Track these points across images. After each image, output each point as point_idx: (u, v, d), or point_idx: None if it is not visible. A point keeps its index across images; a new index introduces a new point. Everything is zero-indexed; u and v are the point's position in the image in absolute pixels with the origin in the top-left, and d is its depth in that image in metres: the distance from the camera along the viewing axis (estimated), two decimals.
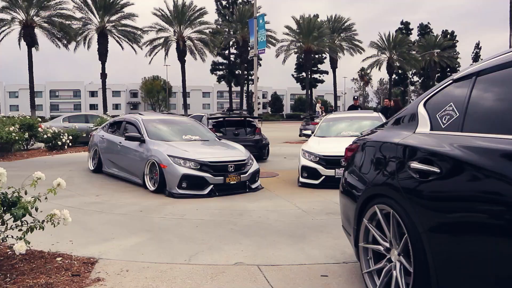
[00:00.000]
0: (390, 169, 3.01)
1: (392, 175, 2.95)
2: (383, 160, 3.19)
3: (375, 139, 3.48)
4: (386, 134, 3.39)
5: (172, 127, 10.04)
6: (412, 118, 3.16)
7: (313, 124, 23.29)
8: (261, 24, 28.25)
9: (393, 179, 2.93)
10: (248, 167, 8.68)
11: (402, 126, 3.28)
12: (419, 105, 3.13)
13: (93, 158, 11.11)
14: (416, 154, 2.77)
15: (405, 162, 2.85)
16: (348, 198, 3.70)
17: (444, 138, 2.63)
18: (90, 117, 20.68)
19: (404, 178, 2.80)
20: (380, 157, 3.26)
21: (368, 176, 3.32)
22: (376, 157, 3.31)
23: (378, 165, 3.23)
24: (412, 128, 3.08)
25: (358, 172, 3.56)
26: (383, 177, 3.08)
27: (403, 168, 2.85)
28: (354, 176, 3.62)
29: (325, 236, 5.31)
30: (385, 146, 3.24)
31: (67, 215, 3.85)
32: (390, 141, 3.18)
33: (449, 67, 75.51)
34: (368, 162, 3.42)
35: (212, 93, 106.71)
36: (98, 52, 45.18)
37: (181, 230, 5.56)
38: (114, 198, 7.74)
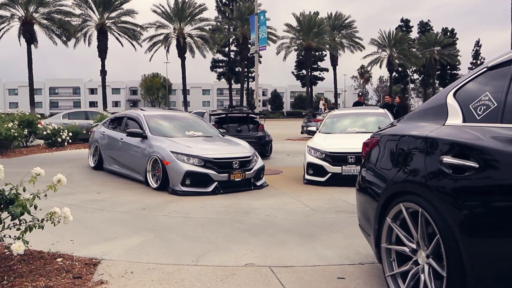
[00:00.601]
0: (417, 165, 2.78)
1: (421, 171, 2.72)
2: (408, 155, 2.96)
3: (397, 133, 3.25)
4: (409, 127, 3.17)
5: (175, 123, 9.81)
6: (440, 110, 2.93)
7: (315, 121, 23.08)
8: (262, 21, 28.02)
9: (421, 175, 2.71)
10: (253, 164, 8.46)
11: (427, 118, 3.05)
12: (448, 95, 2.90)
13: (94, 155, 10.88)
14: (449, 148, 2.54)
15: (436, 156, 2.62)
16: (367, 196, 3.48)
17: (482, 131, 2.41)
18: (90, 113, 20.44)
19: (435, 174, 2.58)
20: (405, 152, 3.03)
21: (391, 172, 3.09)
22: (400, 152, 3.08)
23: (403, 160, 3.00)
24: (440, 121, 2.85)
25: (378, 168, 3.33)
26: (409, 173, 2.85)
27: (433, 163, 2.62)
28: (374, 172, 3.40)
29: (336, 235, 5.09)
30: (410, 140, 3.02)
31: (68, 213, 3.62)
32: (416, 134, 2.95)
33: (450, 65, 75.36)
34: (390, 157, 3.20)
35: (212, 90, 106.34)
36: (98, 49, 44.90)
37: (186, 229, 5.34)
38: (116, 196, 7.52)
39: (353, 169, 8.59)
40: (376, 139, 3.53)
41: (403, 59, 65.64)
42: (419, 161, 2.77)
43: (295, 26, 60.20)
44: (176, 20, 50.47)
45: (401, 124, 3.38)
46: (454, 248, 2.40)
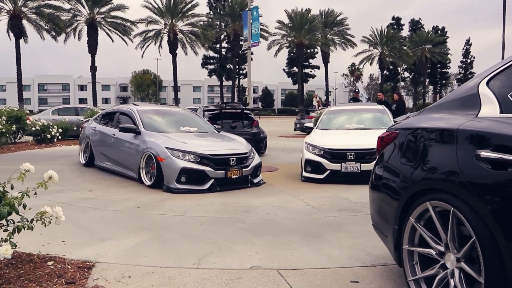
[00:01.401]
0: (448, 160, 2.54)
1: (452, 167, 2.48)
2: (436, 150, 2.72)
3: (421, 126, 3.00)
4: (434, 120, 2.92)
5: (169, 118, 9.51)
6: (470, 101, 2.69)
7: (309, 118, 22.85)
8: (255, 16, 27.67)
9: (453, 171, 2.46)
10: (250, 161, 8.21)
11: (454, 110, 2.81)
12: (480, 85, 2.66)
13: (85, 151, 10.54)
14: (488, 141, 2.30)
15: (470, 151, 2.38)
16: (385, 194, 3.23)
17: None
18: (80, 109, 20.01)
19: (471, 170, 2.34)
20: (431, 146, 2.79)
21: (415, 169, 2.84)
22: (425, 146, 2.83)
23: (430, 155, 2.76)
24: (471, 112, 2.61)
25: (399, 164, 3.08)
26: (438, 169, 2.61)
27: (468, 158, 2.38)
28: (394, 168, 3.15)
29: (342, 235, 4.85)
30: (437, 134, 2.77)
31: (59, 213, 3.34)
32: (444, 127, 2.70)
33: (440, 63, 75.57)
34: (413, 152, 2.95)
35: (203, 87, 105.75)
36: (88, 44, 44.27)
37: (184, 228, 5.06)
38: (108, 194, 7.21)
39: (352, 166, 8.37)
40: (395, 134, 3.28)
41: (395, 57, 65.70)
42: (450, 156, 2.52)
43: (287, 23, 59.96)
44: (168, 16, 49.92)
45: (422, 117, 3.14)
46: (494, 251, 2.17)
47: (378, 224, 3.45)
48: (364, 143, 8.63)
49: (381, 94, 16.04)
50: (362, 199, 6.84)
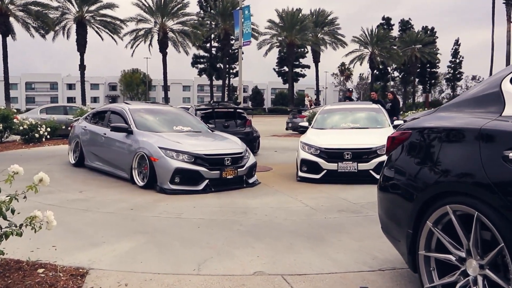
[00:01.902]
0: (470, 161, 2.38)
1: (476, 169, 2.31)
2: (456, 150, 2.55)
3: (438, 126, 2.83)
4: (452, 119, 2.76)
5: (161, 117, 9.29)
6: (492, 99, 2.52)
7: (301, 117, 22.70)
8: (246, 15, 27.48)
9: (477, 173, 2.30)
10: (245, 161, 8.02)
11: (475, 108, 2.65)
12: (503, 82, 2.50)
13: (74, 151, 10.27)
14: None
15: (496, 152, 2.22)
16: (397, 196, 3.07)
17: None
18: (69, 108, 19.63)
19: (497, 172, 2.18)
20: (450, 146, 2.62)
21: (433, 170, 2.68)
22: (444, 147, 2.67)
23: (449, 156, 2.59)
24: (493, 110, 2.46)
25: (413, 165, 2.92)
26: (459, 171, 2.45)
27: (493, 159, 2.22)
28: (407, 170, 2.99)
29: (345, 237, 4.69)
30: (457, 134, 2.61)
31: (51, 217, 3.12)
32: (465, 127, 2.54)
33: (430, 63, 75.98)
34: (431, 153, 2.78)
35: (193, 86, 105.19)
36: (77, 42, 43.72)
37: (180, 231, 4.86)
38: (100, 195, 6.98)
39: (349, 166, 8.22)
40: (407, 133, 3.12)
41: (385, 57, 65.90)
42: (473, 158, 2.36)
43: (278, 23, 59.84)
44: (158, 14, 49.50)
45: (437, 116, 2.98)
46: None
47: (388, 228, 3.29)
48: (361, 143, 8.50)
49: (374, 93, 15.94)
50: (360, 200, 6.70)
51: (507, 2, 41.33)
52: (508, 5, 41.23)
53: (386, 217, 3.34)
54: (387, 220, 3.32)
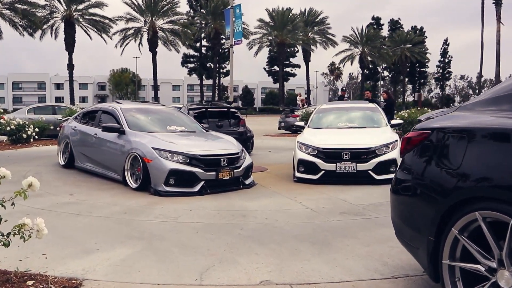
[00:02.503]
0: (506, 165, 2.17)
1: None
2: (487, 152, 2.35)
3: (464, 126, 2.63)
4: (480, 118, 2.56)
5: (154, 117, 9.02)
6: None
7: (293, 116, 22.51)
8: (237, 14, 27.24)
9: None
10: (241, 161, 7.79)
11: (505, 107, 2.45)
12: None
13: (64, 152, 9.96)
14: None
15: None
16: (415, 201, 2.87)
17: None
18: (57, 108, 19.21)
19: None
20: (482, 148, 2.42)
21: (460, 174, 2.47)
22: (474, 148, 2.46)
23: (480, 159, 2.39)
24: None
25: (435, 168, 2.71)
26: (492, 175, 2.24)
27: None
28: (428, 173, 2.78)
29: (352, 242, 4.48)
30: (487, 134, 2.41)
31: (41, 225, 2.87)
32: (497, 127, 2.34)
33: (419, 62, 76.30)
34: (456, 155, 2.56)
35: (183, 86, 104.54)
36: (65, 42, 43.15)
37: (179, 236, 4.62)
38: (92, 198, 6.71)
39: (348, 166, 8.03)
40: (426, 134, 2.91)
41: (375, 56, 66.07)
42: (509, 161, 2.16)
43: (268, 22, 59.67)
44: (148, 13, 49.04)
45: (461, 115, 2.77)
46: None
47: (404, 234, 3.08)
48: (360, 142, 8.33)
49: (368, 92, 15.79)
50: (361, 201, 6.52)
51: (497, 2, 41.57)
52: (497, 5, 41.47)
53: (401, 222, 3.14)
54: (403, 225, 3.11)
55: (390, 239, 4.52)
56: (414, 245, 2.93)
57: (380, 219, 5.49)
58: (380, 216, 5.63)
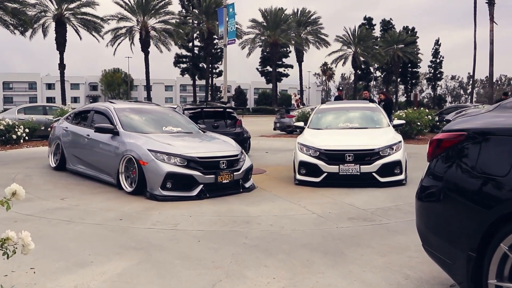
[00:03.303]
0: None
1: None
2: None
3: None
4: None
5: (149, 117, 8.66)
6: None
7: (289, 117, 22.24)
8: (231, 13, 26.92)
9: None
10: (241, 163, 7.46)
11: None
12: None
13: (55, 154, 9.56)
14: None
15: None
16: (451, 210, 2.56)
17: None
18: (49, 108, 18.75)
19: None
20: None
21: (509, 181, 2.16)
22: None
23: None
24: None
25: (475, 174, 2.40)
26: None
27: None
28: (467, 179, 2.47)
29: (367, 251, 4.16)
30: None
31: (27, 239, 2.48)
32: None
33: (411, 63, 76.45)
34: (504, 159, 2.26)
35: (175, 86, 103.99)
36: (56, 41, 42.48)
37: (180, 246, 4.27)
38: (84, 202, 6.34)
39: (351, 168, 7.73)
40: (462, 135, 2.60)
41: (368, 56, 66.05)
42: None
43: (261, 22, 59.42)
44: (140, 13, 48.52)
45: (507, 115, 2.46)
46: None
47: (436, 246, 2.77)
48: (363, 144, 8.05)
49: (366, 92, 15.53)
50: (368, 205, 6.22)
51: (490, 2, 41.51)
52: (490, 4, 41.39)
53: (429, 233, 2.83)
54: (431, 235, 2.81)
55: (407, 248, 4.23)
56: (446, 258, 2.62)
57: (392, 225, 5.20)
58: (391, 222, 5.33)
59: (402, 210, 6.00)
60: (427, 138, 17.22)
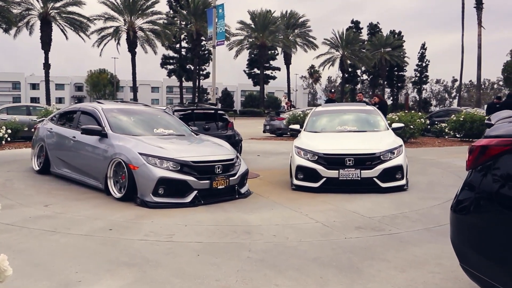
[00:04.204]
0: None
1: None
2: None
3: None
4: None
5: (140, 119, 8.22)
6: None
7: (279, 119, 21.92)
8: (220, 14, 26.52)
9: None
10: (236, 168, 7.09)
11: None
12: None
13: (39, 156, 9.05)
14: None
15: None
16: (503, 226, 2.20)
17: None
18: (32, 108, 18.11)
19: None
20: None
21: None
22: None
23: None
24: None
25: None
26: None
27: None
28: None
29: (383, 266, 3.81)
30: None
31: (3, 264, 2.09)
32: None
33: (398, 66, 76.96)
34: None
35: (162, 88, 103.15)
36: (41, 40, 41.63)
37: (177, 262, 3.86)
38: (70, 210, 5.87)
39: (352, 173, 7.40)
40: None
41: (355, 60, 66.20)
42: None
43: (249, 24, 59.15)
44: (127, 13, 47.84)
45: None
46: None
47: (477, 265, 2.42)
48: (364, 147, 7.74)
49: (361, 95, 15.26)
50: (373, 213, 5.89)
51: (478, 7, 41.84)
52: (478, 9, 41.72)
53: (470, 251, 2.48)
54: (473, 254, 2.46)
55: (425, 262, 3.89)
56: (498, 282, 2.26)
57: (403, 235, 4.86)
58: (401, 232, 4.99)
59: (410, 218, 5.68)
60: (419, 142, 17.03)
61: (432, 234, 4.91)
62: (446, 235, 4.90)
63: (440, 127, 18.98)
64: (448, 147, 15.77)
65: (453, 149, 14.79)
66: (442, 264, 3.86)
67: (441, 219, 5.62)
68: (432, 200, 6.76)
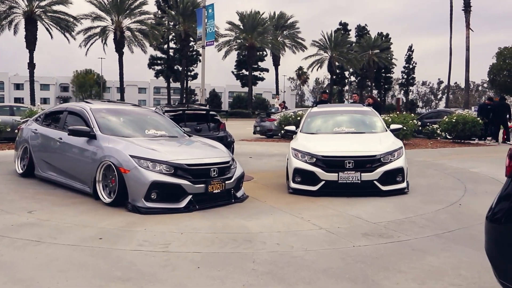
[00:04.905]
0: None
1: None
2: None
3: None
4: None
5: (130, 119, 7.84)
6: None
7: (269, 120, 21.64)
8: (210, 14, 26.16)
9: None
10: (232, 171, 6.75)
11: None
12: None
13: (22, 159, 8.62)
14: None
15: None
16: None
17: None
18: (16, 109, 17.56)
19: None
20: None
21: None
22: None
23: None
24: None
25: None
26: None
27: None
28: None
29: (399, 277, 3.51)
30: None
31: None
32: None
33: (385, 68, 77.45)
34: None
35: (149, 89, 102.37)
36: (26, 39, 40.82)
37: (176, 276, 3.51)
38: (55, 216, 5.48)
39: (352, 176, 7.13)
40: None
41: (343, 61, 66.34)
42: None
43: (238, 25, 58.88)
44: (114, 12, 47.19)
45: None
46: None
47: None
48: (363, 150, 7.48)
49: (356, 96, 15.09)
50: (377, 218, 5.63)
51: (466, 9, 42.07)
52: (467, 12, 41.95)
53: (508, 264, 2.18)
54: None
55: (444, 273, 3.61)
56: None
57: (414, 242, 4.58)
58: (411, 239, 4.72)
59: (417, 223, 5.41)
60: (412, 143, 16.85)
61: (443, 241, 4.64)
62: (458, 242, 4.68)
63: (431, 129, 18.87)
64: (441, 148, 15.63)
65: (446, 151, 14.65)
66: (462, 275, 3.58)
67: (449, 224, 5.37)
68: (435, 204, 6.51)
